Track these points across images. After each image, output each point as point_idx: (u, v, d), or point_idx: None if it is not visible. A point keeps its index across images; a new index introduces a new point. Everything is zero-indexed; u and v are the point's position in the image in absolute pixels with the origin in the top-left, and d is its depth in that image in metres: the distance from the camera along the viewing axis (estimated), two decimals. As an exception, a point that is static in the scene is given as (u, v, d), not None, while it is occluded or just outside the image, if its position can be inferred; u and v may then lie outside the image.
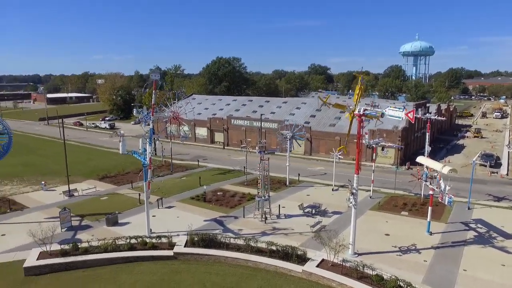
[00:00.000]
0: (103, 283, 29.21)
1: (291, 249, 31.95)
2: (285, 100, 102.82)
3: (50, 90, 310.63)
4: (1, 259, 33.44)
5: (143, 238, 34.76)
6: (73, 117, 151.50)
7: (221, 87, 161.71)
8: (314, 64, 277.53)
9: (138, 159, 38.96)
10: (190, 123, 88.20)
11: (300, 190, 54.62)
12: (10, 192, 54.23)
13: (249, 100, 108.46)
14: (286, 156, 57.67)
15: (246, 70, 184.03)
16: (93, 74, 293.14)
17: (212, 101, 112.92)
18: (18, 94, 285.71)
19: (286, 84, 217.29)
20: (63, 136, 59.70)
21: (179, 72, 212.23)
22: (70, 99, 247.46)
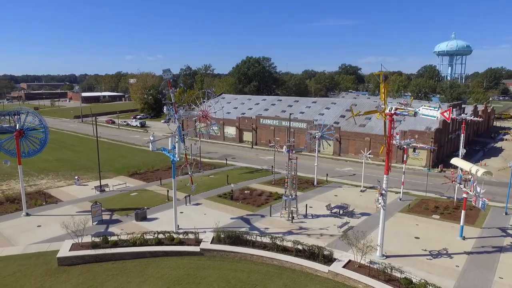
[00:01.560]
0: (131, 275, 29.82)
1: (317, 249, 31.57)
2: (315, 100, 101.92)
3: (85, 89, 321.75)
4: (37, 248, 34.82)
5: (170, 233, 35.25)
6: (105, 115, 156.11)
7: (251, 86, 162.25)
8: (345, 64, 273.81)
9: (167, 157, 39.57)
10: (219, 121, 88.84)
11: (328, 190, 53.96)
12: (46, 186, 56.37)
13: (278, 99, 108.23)
14: (314, 156, 57.17)
15: (275, 70, 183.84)
16: (126, 73, 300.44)
17: (241, 100, 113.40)
18: (55, 93, 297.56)
19: (315, 84, 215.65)
20: (96, 133, 61.51)
21: (209, 72, 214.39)
22: (103, 98, 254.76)
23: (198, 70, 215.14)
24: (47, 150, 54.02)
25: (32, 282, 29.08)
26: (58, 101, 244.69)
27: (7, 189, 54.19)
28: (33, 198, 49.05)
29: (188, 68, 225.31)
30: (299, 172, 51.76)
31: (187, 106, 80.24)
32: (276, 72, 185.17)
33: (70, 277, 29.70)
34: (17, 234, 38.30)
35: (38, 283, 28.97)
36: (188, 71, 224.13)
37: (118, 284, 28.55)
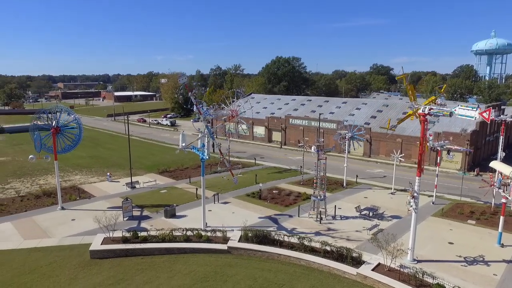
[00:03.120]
0: (160, 271, 30.30)
1: (346, 251, 31.06)
2: (345, 101, 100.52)
3: (118, 89, 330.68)
4: (71, 241, 36.09)
5: (198, 231, 35.61)
6: (137, 114, 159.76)
7: (280, 86, 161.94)
8: (376, 64, 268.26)
9: (196, 155, 39.96)
10: (248, 121, 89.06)
11: (357, 192, 53.02)
12: (79, 181, 58.23)
13: (308, 100, 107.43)
14: (343, 157, 56.33)
15: (305, 70, 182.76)
16: (157, 73, 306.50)
17: (270, 100, 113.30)
18: (89, 92, 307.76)
19: (346, 84, 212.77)
20: (127, 131, 62.94)
21: (239, 72, 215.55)
22: (135, 97, 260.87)
23: (228, 70, 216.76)
24: (81, 147, 55.90)
25: (66, 273, 30.10)
26: (92, 100, 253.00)
27: (44, 184, 56.39)
28: (68, 193, 50.83)
29: (218, 68, 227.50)
30: (328, 173, 51.13)
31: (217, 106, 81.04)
32: (306, 72, 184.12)
33: (101, 269, 30.53)
34: (53, 226, 39.79)
35: (72, 274, 29.96)
36: (218, 71, 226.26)
37: (147, 279, 29.07)
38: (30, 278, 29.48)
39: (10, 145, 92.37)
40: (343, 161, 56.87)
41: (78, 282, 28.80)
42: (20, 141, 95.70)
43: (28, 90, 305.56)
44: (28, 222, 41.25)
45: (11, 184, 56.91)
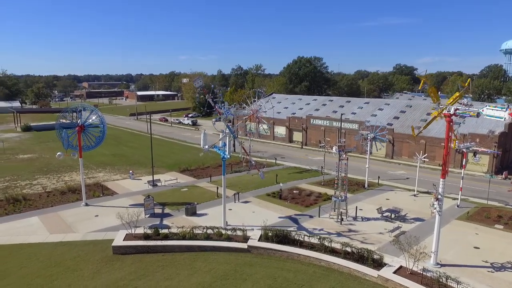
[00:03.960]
0: (180, 268, 30.62)
1: (367, 252, 30.65)
2: (367, 101, 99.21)
3: (140, 88, 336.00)
4: (94, 236, 36.92)
5: (219, 229, 35.80)
6: (159, 113, 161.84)
7: (302, 86, 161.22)
8: (400, 64, 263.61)
9: (217, 155, 40.23)
10: (269, 121, 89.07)
11: (379, 193, 52.25)
12: (103, 178, 59.43)
13: (330, 100, 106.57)
14: (365, 158, 55.62)
15: (327, 70, 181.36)
16: (179, 73, 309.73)
17: (292, 100, 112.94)
18: (112, 92, 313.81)
19: (368, 84, 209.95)
20: (150, 130, 63.85)
21: (260, 72, 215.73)
22: (157, 97, 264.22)
23: (249, 70, 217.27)
24: (104, 145, 57.07)
25: (90, 267, 30.79)
26: (115, 99, 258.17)
27: (69, 180, 57.82)
28: (92, 189, 51.96)
29: (239, 68, 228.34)
30: (349, 173, 50.53)
31: (238, 105, 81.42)
32: (327, 72, 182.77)
33: (123, 265, 31.08)
34: (77, 222, 40.77)
35: (95, 268, 30.61)
36: (239, 71, 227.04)
37: (168, 275, 29.41)
38: (56, 271, 30.29)
39: (37, 143, 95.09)
40: (364, 162, 56.15)
41: (101, 276, 29.41)
42: (47, 138, 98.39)
43: (54, 89, 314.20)
44: (54, 217, 42.42)
45: (38, 180, 58.60)
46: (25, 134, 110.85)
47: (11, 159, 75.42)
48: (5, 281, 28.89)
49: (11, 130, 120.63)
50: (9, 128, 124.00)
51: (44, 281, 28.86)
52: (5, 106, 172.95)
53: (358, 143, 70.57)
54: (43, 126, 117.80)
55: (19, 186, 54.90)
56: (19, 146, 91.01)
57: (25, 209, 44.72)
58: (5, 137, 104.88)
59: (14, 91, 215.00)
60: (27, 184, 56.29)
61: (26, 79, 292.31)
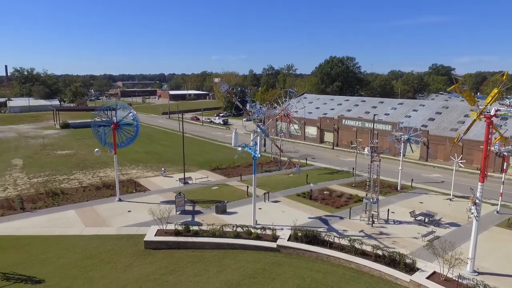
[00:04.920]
0: (209, 264, 30.95)
1: (398, 256, 29.89)
2: (401, 102, 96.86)
3: (173, 88, 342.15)
4: (127, 231, 37.95)
5: (248, 228, 35.91)
6: (191, 112, 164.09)
7: (333, 86, 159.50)
8: (436, 64, 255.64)
9: (248, 154, 40.38)
10: (300, 121, 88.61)
11: (412, 196, 50.87)
12: (136, 175, 60.92)
13: (362, 100, 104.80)
14: (398, 160, 54.29)
15: (360, 70, 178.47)
16: (211, 73, 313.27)
17: (323, 100, 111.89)
18: (146, 91, 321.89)
19: (402, 85, 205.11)
20: (182, 129, 64.84)
21: (292, 72, 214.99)
22: (189, 96, 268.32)
23: (281, 70, 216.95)
24: (137, 143, 58.50)
25: (122, 260, 31.66)
26: (148, 98, 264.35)
27: (104, 176, 59.62)
28: (125, 185, 53.33)
29: (271, 68, 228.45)
30: (382, 175, 49.51)
31: (269, 105, 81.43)
32: (360, 72, 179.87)
33: (154, 259, 31.74)
34: (111, 216, 42.00)
35: (128, 261, 31.44)
36: (270, 70, 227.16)
37: (197, 271, 29.79)
38: (91, 262, 31.35)
39: (74, 139, 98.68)
40: (397, 164, 54.84)
41: (133, 269, 30.16)
42: (83, 135, 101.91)
43: (91, 88, 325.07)
44: (89, 211, 43.89)
45: (75, 175, 60.79)
46: (63, 131, 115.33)
47: (50, 154, 78.66)
48: (45, 270, 30.19)
49: (51, 127, 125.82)
50: (48, 125, 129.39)
51: (80, 271, 29.93)
52: (46, 104, 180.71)
53: (391, 145, 68.99)
54: (80, 124, 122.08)
55: (58, 181, 57.17)
56: (58, 142, 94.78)
57: (63, 203, 46.56)
58: (45, 133, 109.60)
59: (54, 90, 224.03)
60: (65, 178, 58.53)
61: (65, 78, 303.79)
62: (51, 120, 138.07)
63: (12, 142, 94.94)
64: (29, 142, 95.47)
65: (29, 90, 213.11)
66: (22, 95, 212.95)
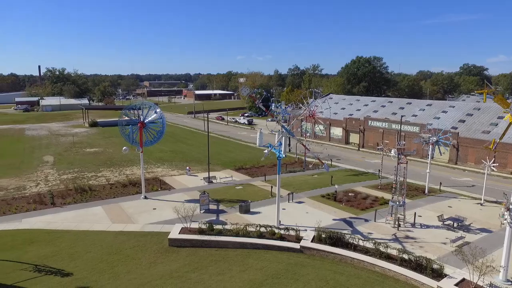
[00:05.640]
0: (233, 263, 31.02)
1: (425, 261, 29.07)
2: (430, 103, 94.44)
3: (198, 87, 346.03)
4: (152, 228, 38.52)
5: (272, 228, 35.79)
6: (216, 112, 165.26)
7: (360, 87, 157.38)
8: (467, 64, 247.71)
9: (272, 154, 40.26)
10: (325, 122, 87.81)
11: (440, 200, 49.47)
12: (161, 173, 61.79)
13: (389, 101, 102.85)
14: (426, 162, 52.92)
15: (387, 70, 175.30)
16: (236, 73, 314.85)
17: (349, 101, 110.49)
18: (172, 91, 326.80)
19: (431, 86, 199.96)
20: (207, 128, 65.35)
21: (317, 72, 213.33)
22: (214, 96, 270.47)
23: (306, 70, 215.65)
24: (163, 142, 59.38)
25: (147, 257, 32.16)
26: (174, 98, 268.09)
27: (130, 174, 60.79)
28: (150, 183, 54.18)
29: (296, 68, 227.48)
30: (408, 178, 48.54)
31: (294, 105, 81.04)
32: (387, 72, 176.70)
33: (178, 257, 32.08)
34: (137, 213, 42.75)
35: (152, 258, 31.90)
36: (296, 71, 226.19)
37: (220, 270, 29.90)
38: (117, 258, 32.01)
39: (102, 138, 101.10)
40: (425, 166, 53.49)
41: (157, 266, 30.57)
42: (111, 134, 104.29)
43: (118, 88, 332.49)
44: (115, 207, 44.83)
45: (102, 172, 62.25)
46: (92, 129, 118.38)
47: (79, 152, 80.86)
48: (73, 263, 31.06)
49: (80, 125, 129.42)
50: (78, 124, 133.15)
51: (106, 266, 30.61)
52: (75, 103, 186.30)
53: (418, 147, 67.43)
54: (108, 122, 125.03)
55: (86, 177, 58.68)
56: (87, 140, 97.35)
57: (90, 199, 47.77)
58: (74, 131, 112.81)
59: (84, 89, 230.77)
60: (92, 175, 60.01)
61: (94, 78, 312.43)
62: (80, 119, 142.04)
63: (43, 140, 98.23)
64: (60, 139, 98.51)
65: (60, 90, 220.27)
66: (54, 94, 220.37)
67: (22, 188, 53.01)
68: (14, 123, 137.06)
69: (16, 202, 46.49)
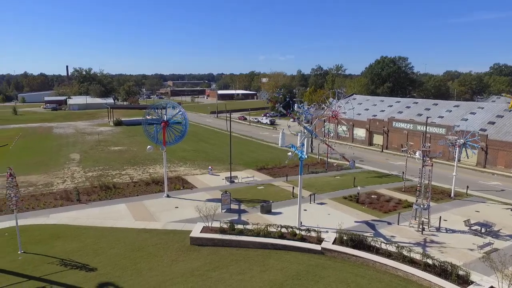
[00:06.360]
0: (253, 263, 31.02)
1: (450, 267, 28.28)
2: (457, 104, 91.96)
3: (221, 87, 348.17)
4: (174, 226, 38.97)
5: (293, 228, 35.62)
6: (238, 112, 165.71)
7: (384, 87, 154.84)
8: (498, 64, 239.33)
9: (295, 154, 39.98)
10: (348, 122, 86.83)
11: (467, 204, 48.07)
12: (183, 172, 62.43)
13: (414, 102, 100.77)
14: (452, 165, 51.57)
15: (412, 70, 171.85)
16: (259, 73, 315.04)
17: (373, 101, 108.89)
18: (195, 90, 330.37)
19: (459, 86, 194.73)
20: (230, 128, 65.61)
21: (341, 72, 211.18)
22: (237, 96, 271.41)
23: (330, 70, 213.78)
24: (186, 141, 59.92)
25: (169, 254, 32.56)
26: (197, 98, 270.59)
27: (153, 172, 61.71)
28: (173, 182, 54.78)
29: (319, 68, 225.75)
30: (434, 181, 47.39)
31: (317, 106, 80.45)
32: (413, 72, 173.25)
33: (199, 255, 32.33)
34: (159, 211, 43.33)
35: (174, 256, 32.27)
36: (319, 71, 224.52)
37: (241, 270, 29.96)
38: (139, 254, 32.54)
39: (127, 136, 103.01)
40: (451, 169, 52.12)
41: (178, 264, 30.90)
42: (135, 133, 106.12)
43: (142, 87, 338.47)
44: (138, 205, 45.57)
45: (126, 170, 63.40)
46: (116, 128, 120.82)
47: (104, 150, 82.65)
48: (98, 259, 31.79)
49: (105, 124, 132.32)
50: (103, 123, 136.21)
51: (129, 262, 31.15)
52: (101, 102, 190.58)
53: (444, 149, 65.79)
54: (132, 121, 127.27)
55: (110, 175, 59.90)
56: (111, 139, 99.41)
57: (114, 196, 48.74)
58: (100, 130, 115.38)
59: (109, 89, 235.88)
60: (117, 173, 61.20)
61: (119, 78, 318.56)
62: (105, 118, 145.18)
63: (70, 138, 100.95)
64: (86, 138, 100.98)
65: (87, 89, 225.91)
66: (81, 93, 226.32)
67: (50, 185, 54.60)
68: (43, 121, 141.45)
69: (44, 198, 47.96)
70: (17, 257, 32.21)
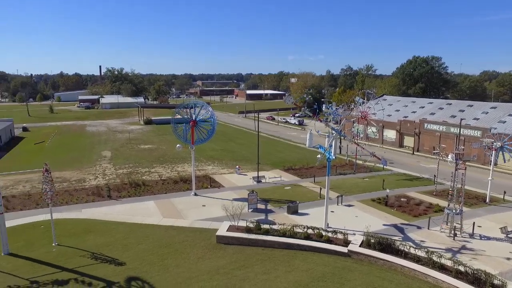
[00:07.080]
0: (278, 264, 30.91)
1: (484, 275, 27.15)
2: (495, 105, 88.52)
3: (250, 87, 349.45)
4: (200, 224, 39.38)
5: (319, 230, 35.26)
6: (266, 112, 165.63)
7: (416, 88, 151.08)
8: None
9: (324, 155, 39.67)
10: (378, 124, 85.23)
11: (504, 210, 46.09)
12: (211, 171, 63.00)
13: (448, 103, 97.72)
14: (488, 169, 49.63)
15: (446, 70, 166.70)
16: (287, 73, 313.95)
17: (404, 102, 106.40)
18: (223, 90, 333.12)
19: (497, 87, 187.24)
20: (257, 128, 65.69)
21: (371, 72, 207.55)
22: (265, 96, 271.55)
23: (360, 71, 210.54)
24: (214, 140, 60.43)
25: (195, 252, 32.93)
26: (226, 97, 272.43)
27: (181, 171, 62.60)
28: (201, 181, 55.35)
29: (349, 68, 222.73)
30: (467, 185, 45.77)
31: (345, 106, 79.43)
32: (446, 73, 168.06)
33: (225, 254, 32.52)
34: (186, 209, 43.91)
35: (200, 253, 32.62)
36: (348, 71, 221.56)
37: (266, 270, 29.92)
38: (166, 251, 33.08)
39: (156, 135, 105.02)
40: (486, 174, 50.20)
41: (204, 261, 31.20)
42: (164, 131, 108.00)
43: (172, 87, 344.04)
44: (167, 203, 46.34)
45: (155, 168, 64.63)
46: (146, 127, 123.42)
47: (134, 148, 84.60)
48: (126, 254, 32.57)
49: (136, 123, 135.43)
50: (134, 121, 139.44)
51: (156, 258, 31.73)
52: (132, 102, 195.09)
53: (480, 152, 63.44)
54: (162, 120, 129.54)
55: (140, 173, 61.23)
56: (141, 137, 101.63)
57: (143, 193, 49.80)
58: (130, 128, 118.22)
59: (140, 88, 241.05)
60: (146, 171, 62.49)
61: (149, 77, 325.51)
62: (136, 116, 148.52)
63: (102, 136, 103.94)
64: (117, 136, 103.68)
65: (118, 88, 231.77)
66: (113, 92, 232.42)
67: (83, 181, 56.41)
68: (77, 119, 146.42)
69: (77, 193, 49.62)
70: (51, 249, 33.51)
